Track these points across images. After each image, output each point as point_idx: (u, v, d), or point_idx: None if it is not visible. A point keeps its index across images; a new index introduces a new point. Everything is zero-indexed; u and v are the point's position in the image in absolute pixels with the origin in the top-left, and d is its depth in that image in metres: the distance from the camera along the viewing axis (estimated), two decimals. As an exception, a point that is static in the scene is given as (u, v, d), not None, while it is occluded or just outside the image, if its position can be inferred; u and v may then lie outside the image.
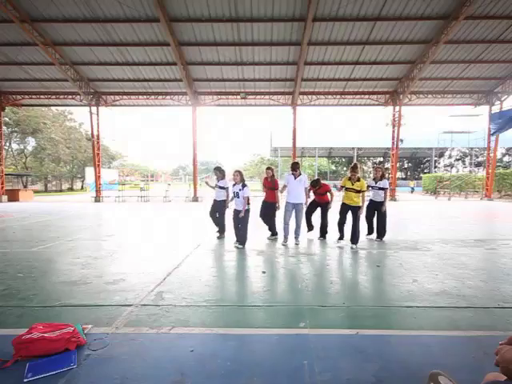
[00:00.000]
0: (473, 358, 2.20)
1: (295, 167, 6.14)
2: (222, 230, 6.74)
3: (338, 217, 6.10)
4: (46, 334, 2.22)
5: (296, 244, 6.05)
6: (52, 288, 3.68)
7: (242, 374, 2.00)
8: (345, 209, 5.99)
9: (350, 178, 5.85)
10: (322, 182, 6.67)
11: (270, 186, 6.52)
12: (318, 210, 6.80)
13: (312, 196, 6.79)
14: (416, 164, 47.68)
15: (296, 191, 6.05)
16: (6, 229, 8.44)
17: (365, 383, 1.90)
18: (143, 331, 2.55)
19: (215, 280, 3.95)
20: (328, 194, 6.61)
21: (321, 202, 6.71)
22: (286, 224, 6.07)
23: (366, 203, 6.38)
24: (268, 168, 6.72)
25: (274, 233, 6.67)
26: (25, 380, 1.91)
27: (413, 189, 31.92)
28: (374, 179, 6.51)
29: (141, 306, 3.05)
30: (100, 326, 2.64)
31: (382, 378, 1.95)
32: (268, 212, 6.58)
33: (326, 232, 6.59)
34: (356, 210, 5.83)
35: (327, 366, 2.07)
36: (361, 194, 5.81)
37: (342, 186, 5.98)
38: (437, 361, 2.14)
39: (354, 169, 5.79)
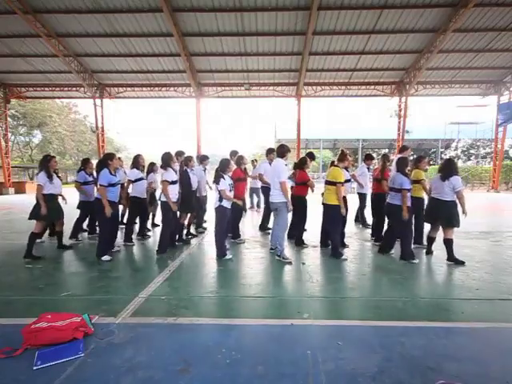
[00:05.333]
0: (476, 350, 2.20)
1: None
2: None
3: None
4: (54, 324, 2.26)
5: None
6: (60, 279, 3.75)
7: (246, 363, 2.02)
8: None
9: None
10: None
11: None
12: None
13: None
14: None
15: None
16: (14, 220, 8.55)
17: (368, 373, 1.91)
18: (149, 321, 2.59)
19: (220, 272, 3.98)
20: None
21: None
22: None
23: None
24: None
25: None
26: (34, 368, 1.96)
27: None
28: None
29: (147, 297, 3.09)
30: (107, 315, 2.68)
31: (384, 368, 1.97)
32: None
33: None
34: (329, 211, 4.71)
35: (330, 356, 2.08)
36: (336, 188, 4.54)
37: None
38: (439, 352, 2.15)
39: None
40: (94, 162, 5.85)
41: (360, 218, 7.14)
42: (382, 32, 13.84)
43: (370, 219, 6.32)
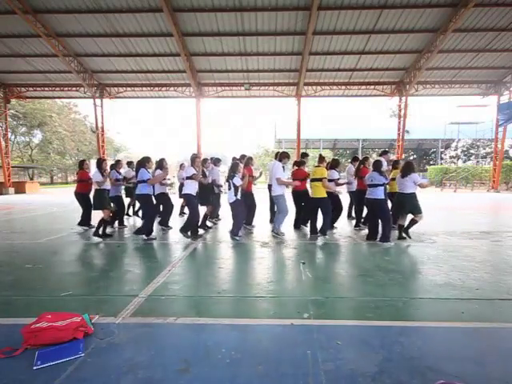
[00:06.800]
0: (476, 350, 2.20)
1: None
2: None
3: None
4: (54, 324, 2.26)
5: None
6: (59, 278, 3.74)
7: (246, 363, 2.02)
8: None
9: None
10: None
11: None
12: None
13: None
14: (421, 156, 47.14)
15: None
16: (14, 220, 8.56)
17: (367, 373, 1.91)
18: (149, 321, 2.59)
19: (219, 271, 3.98)
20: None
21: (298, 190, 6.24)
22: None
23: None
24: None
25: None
26: (34, 368, 1.95)
27: None
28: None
29: (147, 297, 3.08)
30: (107, 315, 2.68)
31: (384, 368, 1.96)
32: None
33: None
34: (319, 203, 5.73)
35: (330, 356, 2.08)
36: (322, 183, 5.61)
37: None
38: (439, 352, 2.14)
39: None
40: (94, 161, 6.45)
41: (348, 213, 7.95)
42: (382, 32, 13.87)
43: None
